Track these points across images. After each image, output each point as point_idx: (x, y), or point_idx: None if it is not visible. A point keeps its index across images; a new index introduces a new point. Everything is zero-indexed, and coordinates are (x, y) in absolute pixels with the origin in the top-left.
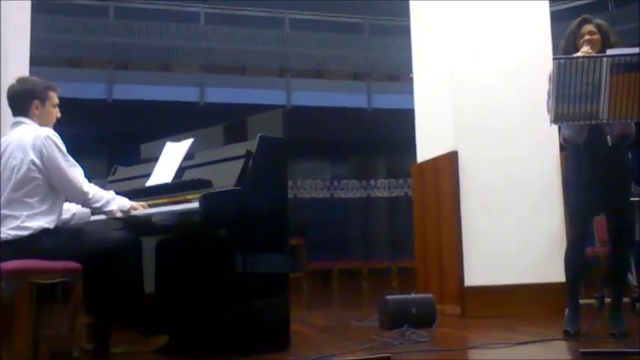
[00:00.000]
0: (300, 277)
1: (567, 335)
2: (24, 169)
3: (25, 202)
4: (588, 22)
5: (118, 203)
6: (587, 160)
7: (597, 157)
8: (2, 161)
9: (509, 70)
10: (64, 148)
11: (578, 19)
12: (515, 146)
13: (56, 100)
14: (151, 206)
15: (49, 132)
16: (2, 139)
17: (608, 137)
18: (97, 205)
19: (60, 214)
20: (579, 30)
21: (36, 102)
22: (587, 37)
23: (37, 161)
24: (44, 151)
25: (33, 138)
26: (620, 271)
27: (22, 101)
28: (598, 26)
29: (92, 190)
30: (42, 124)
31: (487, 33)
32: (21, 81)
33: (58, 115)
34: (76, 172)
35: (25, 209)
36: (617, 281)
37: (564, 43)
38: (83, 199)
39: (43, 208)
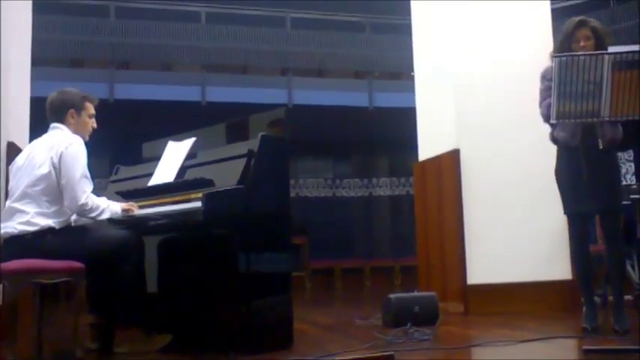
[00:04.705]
0: (302, 276)
1: (585, 332)
2: (44, 166)
3: (38, 198)
4: (584, 25)
5: (110, 210)
6: (582, 162)
7: (589, 159)
8: (28, 157)
9: (511, 67)
10: (84, 159)
11: (574, 22)
12: (517, 144)
13: (92, 111)
14: (153, 206)
15: (78, 140)
16: (35, 140)
17: (599, 140)
18: (92, 215)
19: (68, 217)
20: (575, 33)
21: (72, 111)
22: (582, 43)
23: (55, 161)
24: (65, 153)
25: (60, 140)
26: (619, 269)
27: (59, 110)
28: (594, 30)
29: (90, 201)
30: (77, 132)
31: (488, 31)
32: (60, 92)
33: (94, 125)
34: (85, 184)
35: (36, 206)
36: (617, 279)
37: (559, 45)
38: (79, 210)
39: (53, 209)
